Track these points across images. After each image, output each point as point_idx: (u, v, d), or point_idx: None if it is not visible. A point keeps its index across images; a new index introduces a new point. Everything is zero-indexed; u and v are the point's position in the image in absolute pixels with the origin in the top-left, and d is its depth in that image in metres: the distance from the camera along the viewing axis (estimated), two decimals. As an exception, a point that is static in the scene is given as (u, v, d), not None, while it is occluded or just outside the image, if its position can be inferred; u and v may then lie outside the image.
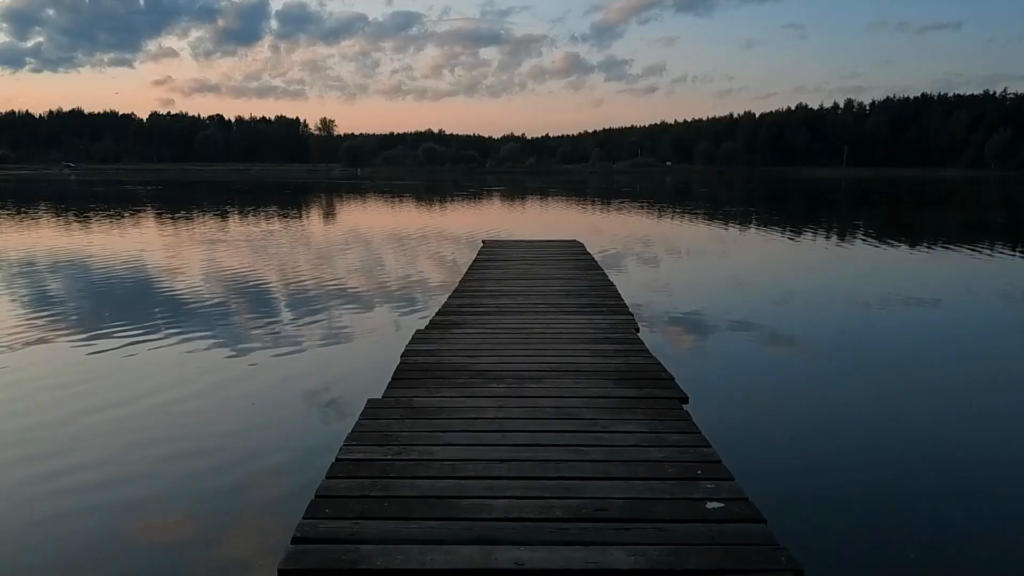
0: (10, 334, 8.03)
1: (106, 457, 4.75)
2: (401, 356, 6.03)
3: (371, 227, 22.88)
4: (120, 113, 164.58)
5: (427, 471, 3.76)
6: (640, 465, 3.83)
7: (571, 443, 4.12)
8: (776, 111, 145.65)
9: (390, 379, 5.41)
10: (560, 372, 5.53)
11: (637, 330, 7.14)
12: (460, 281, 10.24)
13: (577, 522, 3.26)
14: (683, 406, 4.86)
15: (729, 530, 3.19)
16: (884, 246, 17.81)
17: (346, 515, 3.30)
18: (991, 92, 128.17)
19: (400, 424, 4.44)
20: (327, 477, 3.69)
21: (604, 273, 10.97)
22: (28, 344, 7.65)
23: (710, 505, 3.41)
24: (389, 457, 3.93)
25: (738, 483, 3.64)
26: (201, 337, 7.92)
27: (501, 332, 6.92)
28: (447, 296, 9.09)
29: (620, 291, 9.34)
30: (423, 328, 7.12)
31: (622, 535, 3.15)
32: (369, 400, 4.87)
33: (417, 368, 5.69)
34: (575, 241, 15.65)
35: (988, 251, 16.90)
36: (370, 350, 7.50)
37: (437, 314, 7.87)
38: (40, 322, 8.70)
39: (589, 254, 13.42)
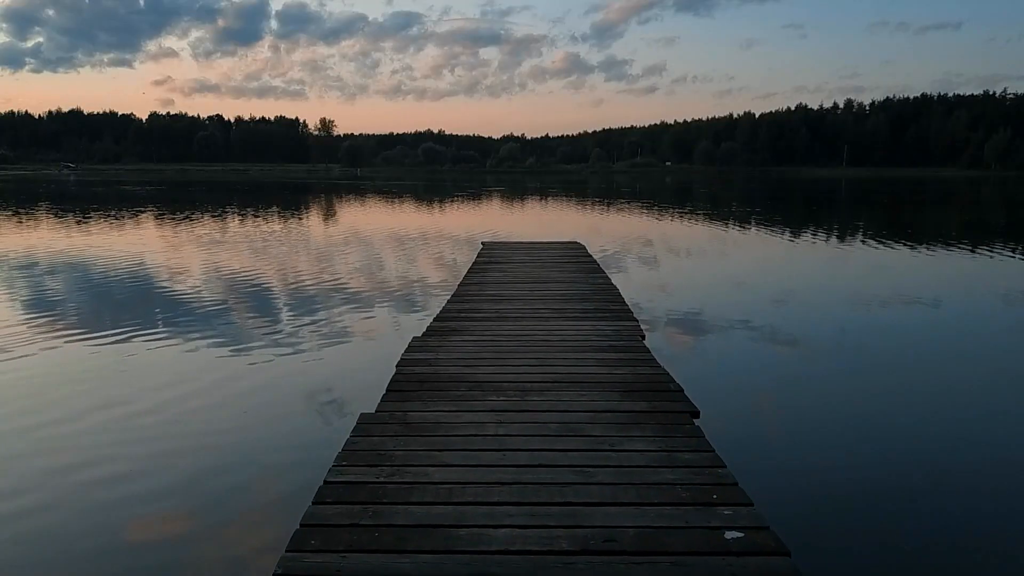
0: (10, 335, 7.91)
1: (89, 466, 4.49)
2: (397, 366, 5.77)
3: (369, 228, 22.59)
4: (120, 113, 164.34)
5: (422, 496, 3.49)
6: (651, 489, 3.56)
7: (577, 463, 3.85)
8: (776, 111, 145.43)
9: (384, 391, 5.15)
10: (564, 383, 5.26)
11: (643, 337, 6.87)
12: (459, 284, 9.98)
13: (585, 555, 2.99)
14: (694, 421, 4.59)
15: (751, 564, 2.93)
16: (887, 247, 17.53)
17: (333, 547, 3.04)
18: (991, 92, 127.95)
19: (394, 442, 4.17)
20: (314, 502, 3.43)
21: (606, 276, 10.70)
22: (28, 344, 7.53)
23: (729, 535, 3.14)
24: (381, 479, 3.66)
25: (757, 509, 3.38)
26: (193, 344, 7.65)
27: (501, 339, 6.65)
28: (445, 300, 8.83)
29: (623, 295, 9.07)
30: (420, 335, 6.85)
31: (634, 570, 2.89)
32: (362, 415, 4.60)
33: (413, 378, 5.42)
34: (576, 242, 15.38)
35: (988, 251, 16.67)
36: (365, 358, 7.23)
37: (435, 320, 7.60)
38: (39, 323, 8.55)
39: (591, 256, 13.16)
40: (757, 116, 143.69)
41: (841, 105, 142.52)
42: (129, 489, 4.28)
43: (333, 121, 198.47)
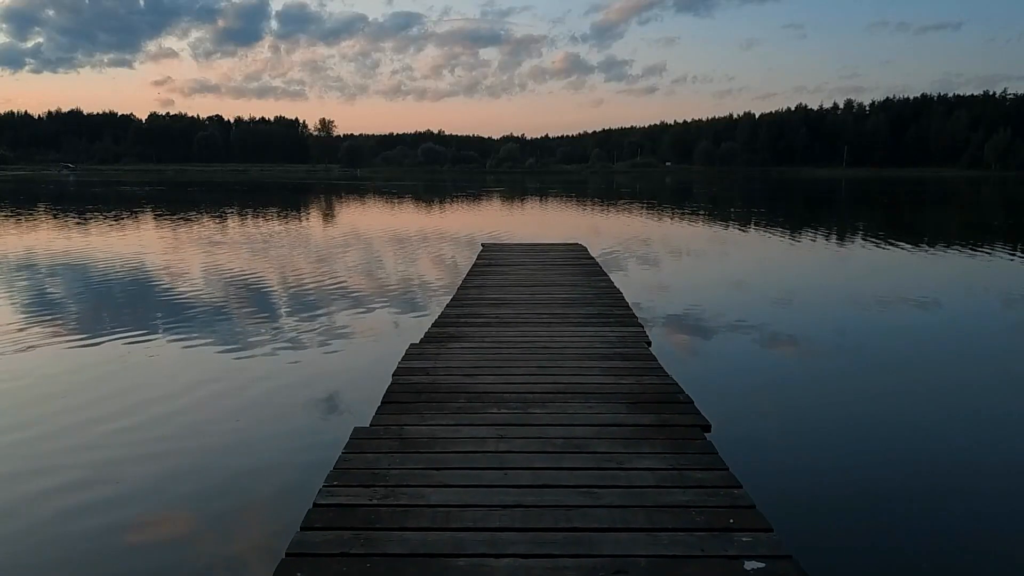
0: (10, 337, 7.78)
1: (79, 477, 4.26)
2: (393, 375, 5.53)
3: (368, 229, 22.35)
4: (119, 113, 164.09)
5: (418, 520, 3.26)
6: (663, 512, 3.33)
7: (583, 483, 3.61)
8: (776, 111, 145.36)
9: (380, 403, 4.91)
10: (568, 394, 5.03)
11: (649, 344, 6.63)
12: (458, 288, 9.74)
13: (594, 589, 2.76)
14: (705, 435, 4.36)
15: (774, 600, 2.70)
16: (893, 247, 17.29)
17: (321, 580, 2.81)
18: (991, 92, 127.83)
19: (389, 459, 3.93)
20: (302, 528, 3.19)
21: (609, 279, 10.46)
22: (27, 348, 7.42)
23: (749, 565, 2.91)
24: (375, 502, 3.43)
25: (777, 535, 3.15)
26: (184, 352, 7.42)
27: (502, 347, 6.42)
28: (444, 304, 8.60)
29: (627, 298, 8.84)
30: (417, 342, 6.62)
31: (647, 606, 2.66)
32: (355, 429, 4.36)
33: (410, 389, 5.18)
34: (577, 244, 15.14)
35: (988, 251, 16.45)
36: (361, 366, 6.99)
37: (433, 325, 7.36)
38: (37, 326, 8.40)
39: (592, 258, 12.93)
40: (757, 116, 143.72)
41: (841, 105, 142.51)
42: (108, 507, 4.05)
43: (333, 121, 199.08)
